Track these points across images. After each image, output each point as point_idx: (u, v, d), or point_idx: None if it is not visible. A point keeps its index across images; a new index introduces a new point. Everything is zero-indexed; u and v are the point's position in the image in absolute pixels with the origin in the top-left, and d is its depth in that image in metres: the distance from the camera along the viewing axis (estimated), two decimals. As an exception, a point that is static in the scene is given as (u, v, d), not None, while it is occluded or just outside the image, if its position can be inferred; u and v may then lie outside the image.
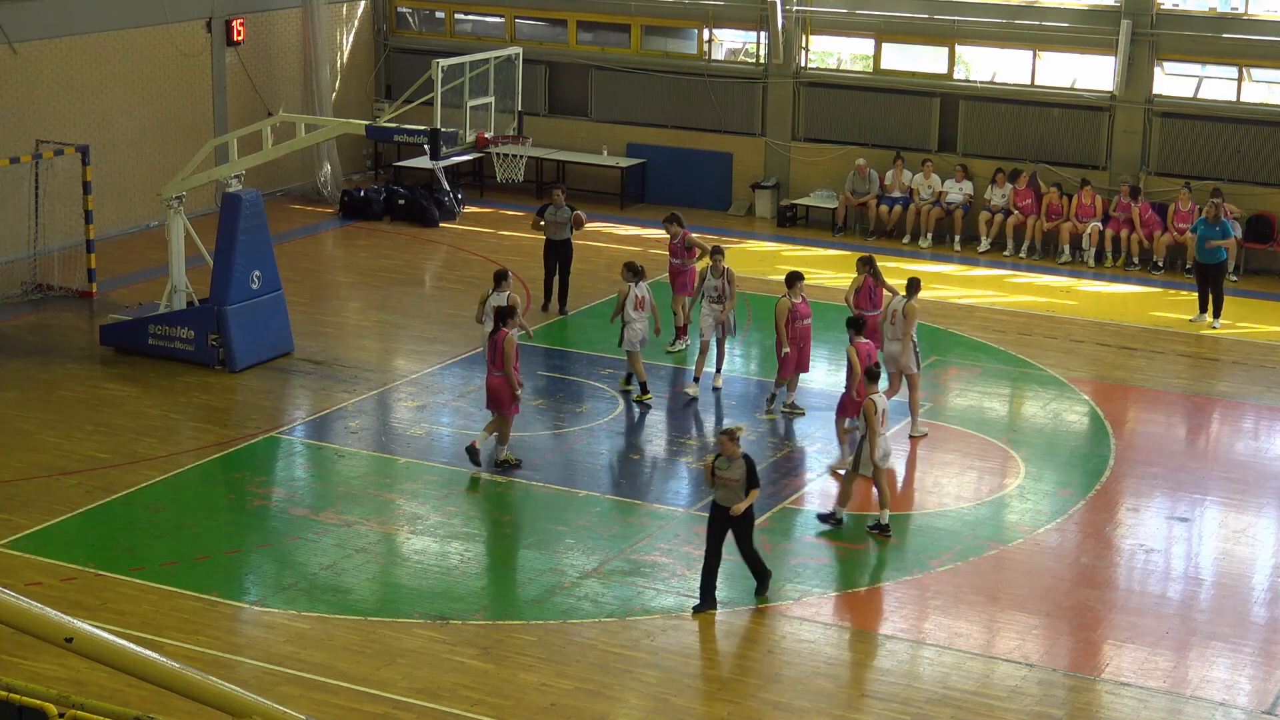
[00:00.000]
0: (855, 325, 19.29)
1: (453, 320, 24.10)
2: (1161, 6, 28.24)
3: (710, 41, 31.26)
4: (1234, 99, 28.14)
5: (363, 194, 30.48)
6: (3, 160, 24.64)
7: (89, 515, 17.70)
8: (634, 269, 21.43)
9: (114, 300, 24.89)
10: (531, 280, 25.46)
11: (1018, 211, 28.53)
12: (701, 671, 14.95)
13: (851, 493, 17.70)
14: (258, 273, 22.35)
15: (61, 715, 8.81)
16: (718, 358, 21.81)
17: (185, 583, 16.12)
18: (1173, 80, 28.68)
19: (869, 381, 17.70)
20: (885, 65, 30.17)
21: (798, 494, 18.66)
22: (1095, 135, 28.73)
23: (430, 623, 15.46)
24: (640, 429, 20.69)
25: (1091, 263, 27.98)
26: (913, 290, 20.18)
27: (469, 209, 30.92)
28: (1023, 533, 17.74)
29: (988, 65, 29.98)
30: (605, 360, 22.30)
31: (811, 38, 30.66)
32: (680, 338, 23.23)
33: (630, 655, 14.95)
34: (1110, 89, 28.50)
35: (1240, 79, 28.07)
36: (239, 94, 30.36)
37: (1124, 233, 27.83)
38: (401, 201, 30.19)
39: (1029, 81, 29.24)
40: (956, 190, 29.08)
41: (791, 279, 20.63)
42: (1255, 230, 27.45)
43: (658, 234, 26.56)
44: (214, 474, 19.04)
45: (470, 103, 21.99)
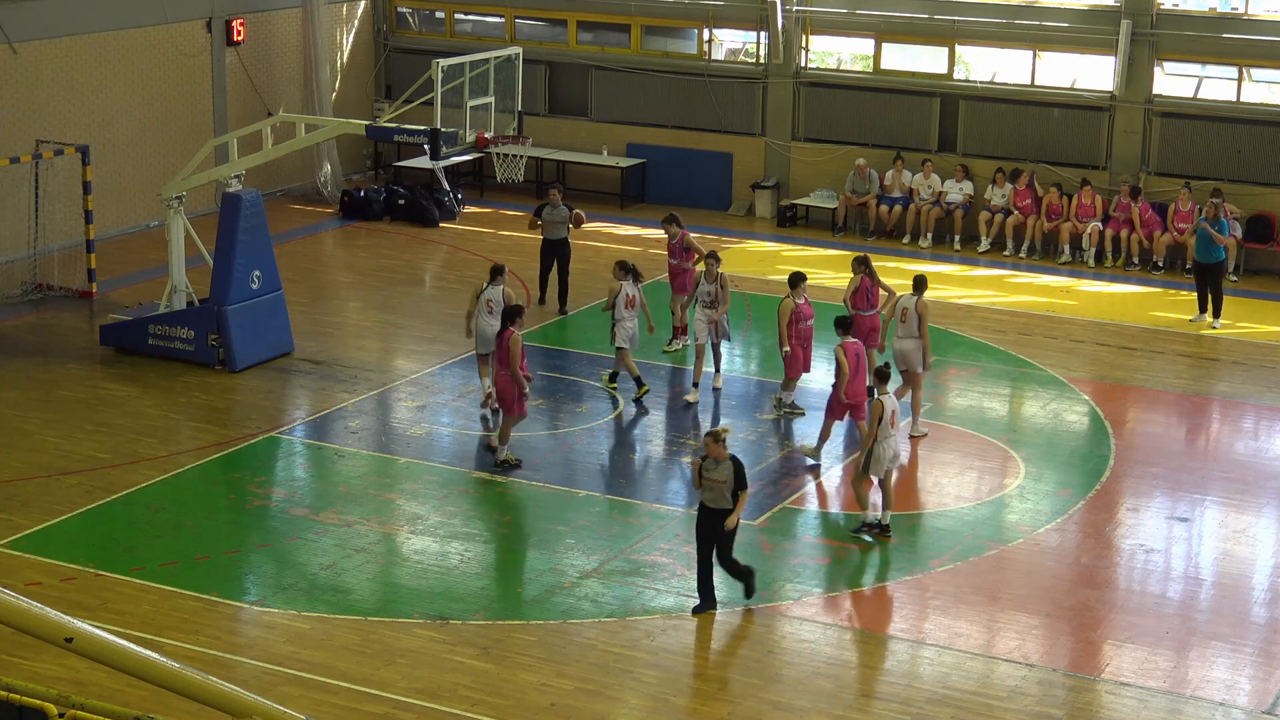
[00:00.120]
0: (843, 325, 19.27)
1: (453, 320, 24.06)
2: (1161, 6, 28.23)
3: (710, 41, 31.26)
4: (1234, 99, 28.13)
5: (363, 194, 30.47)
6: (3, 160, 24.63)
7: (89, 515, 17.70)
8: (626, 267, 21.45)
9: (114, 300, 24.88)
10: (532, 280, 25.43)
11: (1018, 211, 28.53)
12: (701, 671, 14.95)
13: (865, 493, 17.61)
14: (258, 273, 22.35)
15: (61, 715, 8.81)
16: (715, 359, 21.79)
17: (185, 583, 16.12)
18: (1173, 80, 28.68)
19: (879, 382, 17.63)
20: (885, 65, 30.16)
21: (798, 494, 18.65)
22: (1095, 135, 28.72)
23: (430, 623, 15.45)
24: (640, 429, 20.70)
25: (1091, 263, 27.98)
26: (920, 288, 20.18)
27: (469, 209, 30.92)
28: (1023, 533, 17.73)
29: (988, 65, 29.97)
30: (605, 360, 22.27)
31: (811, 38, 30.66)
32: (677, 338, 23.23)
33: (630, 655, 14.95)
34: (1110, 89, 28.49)
35: (1240, 79, 28.07)
36: (239, 94, 30.36)
37: (1124, 233, 27.82)
38: (401, 201, 30.19)
39: (1029, 81, 29.24)
40: (956, 190, 29.07)
41: (795, 279, 20.61)
42: (1255, 230, 27.44)
43: (658, 234, 26.55)
44: (214, 474, 19.04)
45: (470, 103, 22.00)
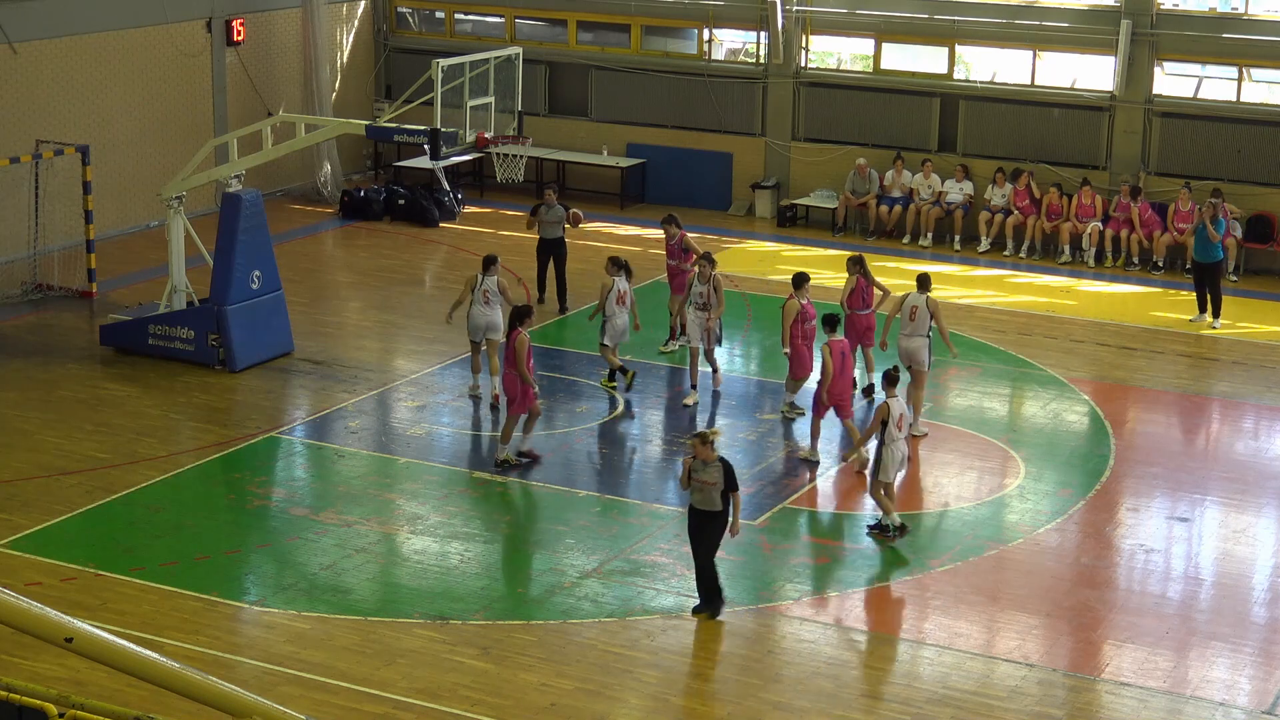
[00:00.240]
0: (830, 323, 19.27)
1: (453, 320, 24.04)
2: (1161, 6, 28.23)
3: (710, 41, 31.26)
4: (1234, 99, 28.14)
5: (363, 194, 30.48)
6: (3, 160, 24.63)
7: (89, 515, 17.69)
8: (618, 263, 21.46)
9: (114, 300, 24.88)
10: (532, 280, 25.42)
11: (1018, 211, 28.53)
12: (701, 671, 14.95)
13: (883, 498, 17.50)
14: (258, 273, 22.35)
15: (61, 715, 8.81)
16: (711, 365, 21.71)
17: (185, 583, 16.12)
18: (1173, 80, 28.67)
19: (887, 384, 17.61)
20: (885, 65, 30.16)
21: (798, 494, 18.65)
22: (1095, 135, 28.72)
23: (430, 623, 15.45)
24: (640, 429, 20.69)
25: (1091, 263, 27.98)
26: (926, 286, 20.20)
27: (469, 209, 30.92)
28: (1023, 533, 17.73)
29: (988, 65, 29.97)
30: (605, 360, 22.25)
31: (811, 38, 30.66)
32: (674, 338, 23.21)
33: (630, 655, 14.95)
34: (1110, 89, 28.49)
35: (1240, 79, 28.07)
36: (239, 94, 30.36)
37: (1124, 233, 27.82)
38: (401, 201, 30.19)
39: (1029, 81, 29.24)
40: (956, 190, 29.07)
41: (799, 280, 20.59)
42: (1255, 230, 27.43)
43: (657, 234, 26.53)
44: (214, 474, 19.04)
45: (470, 103, 22.00)
